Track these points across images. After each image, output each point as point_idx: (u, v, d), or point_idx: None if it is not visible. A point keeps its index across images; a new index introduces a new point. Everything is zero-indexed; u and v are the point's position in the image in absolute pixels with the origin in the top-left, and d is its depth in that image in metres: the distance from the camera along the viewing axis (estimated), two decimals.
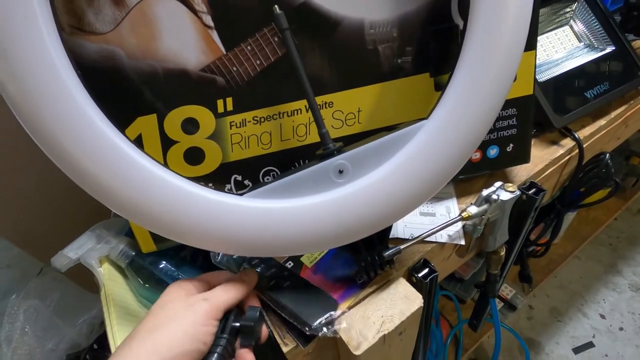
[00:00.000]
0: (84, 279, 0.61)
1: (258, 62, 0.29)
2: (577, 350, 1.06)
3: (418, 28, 0.31)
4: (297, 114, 0.31)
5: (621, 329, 1.10)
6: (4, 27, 0.22)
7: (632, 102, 0.48)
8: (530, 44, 0.33)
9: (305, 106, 0.31)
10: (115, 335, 0.30)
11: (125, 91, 0.29)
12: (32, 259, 1.51)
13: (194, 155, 0.31)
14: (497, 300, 1.09)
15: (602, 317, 1.13)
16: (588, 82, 0.46)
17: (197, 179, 0.31)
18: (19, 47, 0.22)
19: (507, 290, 1.09)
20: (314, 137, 0.32)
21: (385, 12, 0.30)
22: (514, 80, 0.34)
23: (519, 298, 1.07)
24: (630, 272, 1.23)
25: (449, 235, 0.35)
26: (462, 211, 0.34)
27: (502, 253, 0.42)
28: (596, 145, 0.48)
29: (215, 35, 0.28)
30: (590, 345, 1.07)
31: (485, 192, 0.34)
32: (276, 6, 0.27)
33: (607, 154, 0.45)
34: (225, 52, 0.29)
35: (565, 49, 0.48)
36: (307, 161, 0.33)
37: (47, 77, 0.23)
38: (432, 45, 0.31)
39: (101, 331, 0.58)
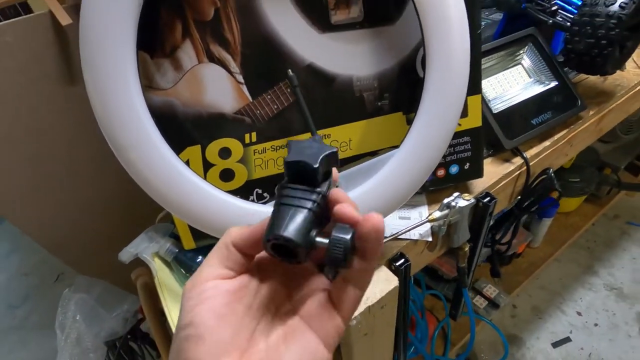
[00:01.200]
0: (117, 279, 0.71)
1: (275, 106, 0.40)
2: (555, 344, 1.16)
3: (393, 79, 0.42)
4: None
5: (596, 324, 1.20)
6: (107, 84, 0.33)
7: (572, 126, 0.59)
8: (477, 90, 0.44)
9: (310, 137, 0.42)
10: (170, 310, 0.40)
11: (179, 128, 0.39)
12: (49, 267, 1.61)
13: (226, 175, 0.42)
14: (482, 299, 1.18)
15: (579, 314, 1.23)
16: (535, 111, 0.57)
17: (228, 192, 0.42)
18: (117, 98, 0.33)
19: (490, 290, 1.19)
20: None
21: (368, 70, 0.41)
22: (467, 116, 0.45)
23: (501, 297, 1.17)
24: (605, 273, 1.34)
25: (420, 234, 0.46)
26: (429, 215, 0.44)
27: (466, 249, 0.53)
28: (545, 161, 0.58)
29: (245, 88, 0.39)
30: (567, 340, 1.16)
31: (446, 200, 0.44)
32: (289, 70, 0.38)
33: (551, 169, 0.56)
34: (251, 100, 0.40)
35: (518, 84, 0.60)
36: None
37: (132, 118, 0.34)
38: (403, 92, 0.42)
39: (134, 322, 0.68)
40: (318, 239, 0.20)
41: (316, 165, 0.20)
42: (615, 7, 0.51)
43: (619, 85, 0.66)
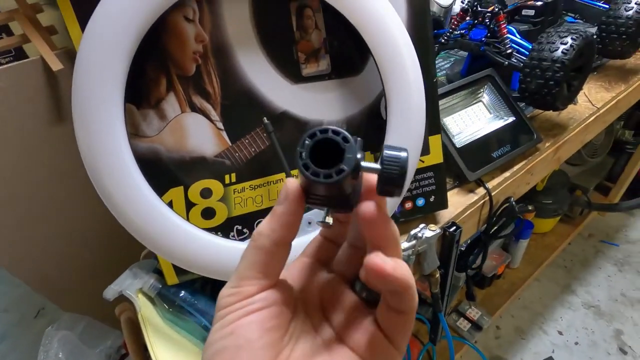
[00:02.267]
0: (100, 314, 0.71)
1: (253, 149, 0.44)
2: None
3: (360, 123, 0.46)
4: (280, 182, 0.46)
5: (576, 343, 1.23)
6: (96, 134, 0.36)
7: (531, 157, 0.65)
8: (436, 130, 0.49)
9: (285, 177, 0.46)
10: (153, 345, 0.41)
11: (164, 172, 0.42)
12: (29, 303, 1.57)
13: (208, 213, 0.45)
14: (465, 321, 1.21)
15: (560, 333, 1.26)
16: (495, 145, 0.62)
17: (209, 230, 0.45)
18: (104, 146, 0.36)
19: (473, 312, 1.21)
20: None
21: (337, 115, 0.45)
22: (429, 154, 0.49)
23: (484, 319, 1.20)
24: (583, 292, 1.38)
25: None
26: None
27: (437, 275, 0.56)
28: (507, 190, 0.63)
29: (224, 134, 0.43)
30: (550, 359, 1.18)
31: (413, 232, 0.48)
32: (265, 117, 0.42)
33: (512, 198, 0.60)
34: (231, 144, 0.43)
35: (479, 120, 0.65)
36: None
37: (119, 164, 0.37)
38: (369, 133, 0.47)
39: (117, 358, 0.68)
40: (365, 163, 0.17)
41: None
42: (558, 53, 0.57)
43: (572, 118, 0.73)
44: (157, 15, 0.36)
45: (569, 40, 0.57)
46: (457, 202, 0.57)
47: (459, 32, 0.75)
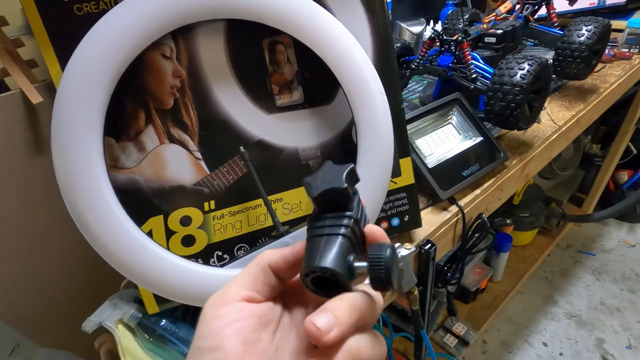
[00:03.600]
0: (78, 348, 0.69)
1: (231, 177, 0.46)
2: None
3: (334, 148, 0.48)
4: (259, 207, 0.47)
5: (561, 354, 1.25)
6: (74, 167, 0.37)
7: (499, 174, 0.68)
8: (406, 153, 0.51)
9: (263, 202, 0.47)
10: None
11: (143, 201, 0.43)
12: (4, 340, 1.51)
13: (188, 240, 0.46)
14: (452, 337, 1.21)
15: (545, 344, 1.28)
16: (465, 164, 0.65)
17: (190, 257, 0.45)
18: (83, 179, 0.37)
19: (460, 328, 1.22)
20: (270, 222, 0.48)
21: (311, 142, 0.47)
22: (400, 175, 0.52)
23: (470, 334, 1.21)
24: (564, 302, 1.41)
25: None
26: None
27: (416, 292, 0.57)
28: (480, 206, 0.66)
29: (203, 163, 0.44)
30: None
31: None
32: (241, 147, 0.44)
33: (484, 214, 0.63)
34: (209, 173, 0.45)
35: (450, 140, 0.68)
36: (266, 239, 0.48)
37: (96, 195, 0.38)
38: (343, 158, 0.49)
39: None
40: (357, 263, 0.19)
41: (344, 185, 0.19)
42: (517, 78, 0.62)
43: (536, 136, 0.77)
44: (136, 54, 0.38)
45: (525, 66, 0.62)
46: (431, 220, 0.59)
47: (428, 58, 0.80)
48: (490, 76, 0.72)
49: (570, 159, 1.47)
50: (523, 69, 0.62)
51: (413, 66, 0.81)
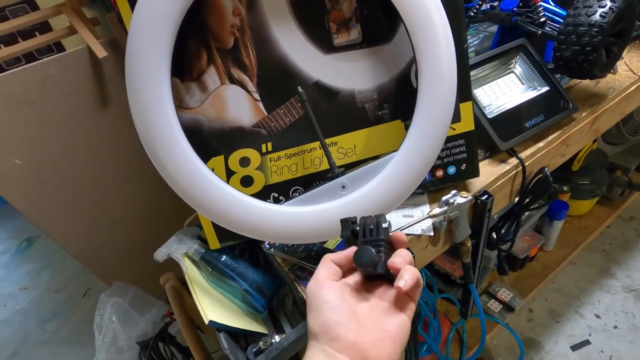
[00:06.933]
0: (144, 287, 0.76)
1: (288, 119, 0.46)
2: (574, 347, 1.15)
3: (391, 91, 0.47)
4: (314, 150, 0.48)
5: (615, 327, 1.19)
6: (148, 106, 0.39)
7: (566, 127, 0.63)
8: (467, 97, 0.49)
9: (319, 145, 0.47)
10: (200, 300, 0.45)
11: (205, 142, 0.45)
12: (77, 284, 1.69)
13: (246, 181, 0.48)
14: (496, 302, 1.19)
15: (597, 317, 1.22)
16: (528, 115, 0.61)
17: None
18: (156, 117, 0.39)
19: (505, 294, 1.20)
20: (325, 166, 0.48)
21: (368, 84, 0.46)
22: (460, 121, 0.50)
23: (516, 300, 1.18)
24: (623, 275, 1.33)
25: (422, 229, 0.50)
26: (430, 211, 0.49)
27: (469, 244, 0.56)
28: (541, 161, 0.62)
29: (261, 105, 0.45)
30: (586, 342, 1.16)
31: (444, 198, 0.49)
32: (299, 87, 0.44)
33: (546, 168, 0.59)
34: (267, 114, 0.46)
35: (511, 90, 0.64)
36: (321, 181, 0.48)
37: (167, 134, 0.40)
38: (400, 102, 0.48)
39: (162, 325, 0.73)
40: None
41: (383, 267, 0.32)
42: (596, 17, 0.56)
43: (611, 87, 0.70)
44: None
45: (607, 2, 0.55)
46: (489, 172, 0.57)
47: (488, 3, 0.74)
48: (561, 20, 0.66)
49: None
50: (604, 7, 0.55)
51: (471, 14, 0.76)
